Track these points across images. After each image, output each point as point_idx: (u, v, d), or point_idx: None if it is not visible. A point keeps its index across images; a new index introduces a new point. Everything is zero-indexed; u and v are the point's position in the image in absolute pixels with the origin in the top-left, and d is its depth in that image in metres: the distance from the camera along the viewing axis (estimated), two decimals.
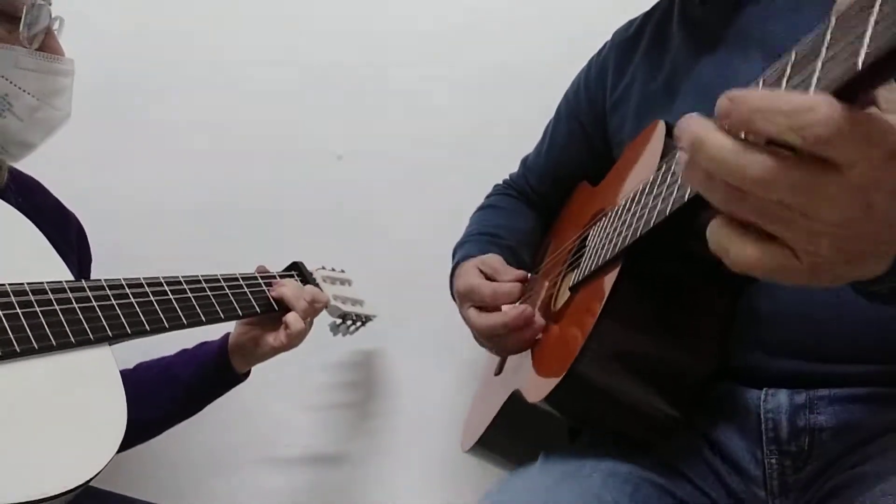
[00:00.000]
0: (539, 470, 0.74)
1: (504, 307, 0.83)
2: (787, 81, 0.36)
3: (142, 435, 0.99)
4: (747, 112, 0.33)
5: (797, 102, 0.31)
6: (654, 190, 0.61)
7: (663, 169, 0.61)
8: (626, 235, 0.64)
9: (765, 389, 0.67)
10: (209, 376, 0.98)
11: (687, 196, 0.51)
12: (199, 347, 1.00)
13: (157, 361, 1.01)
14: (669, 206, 0.55)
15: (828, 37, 0.33)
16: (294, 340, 0.94)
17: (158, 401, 0.98)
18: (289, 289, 0.94)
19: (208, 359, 0.98)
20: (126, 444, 0.95)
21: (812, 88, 0.33)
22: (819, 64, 0.33)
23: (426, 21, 1.31)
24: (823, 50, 0.33)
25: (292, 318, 0.92)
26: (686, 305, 0.67)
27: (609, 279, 0.67)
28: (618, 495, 0.67)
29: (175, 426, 1.01)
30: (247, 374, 1.00)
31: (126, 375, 0.98)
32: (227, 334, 0.99)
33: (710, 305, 0.67)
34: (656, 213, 0.58)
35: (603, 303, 0.65)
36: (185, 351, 1.01)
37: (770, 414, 0.66)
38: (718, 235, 0.37)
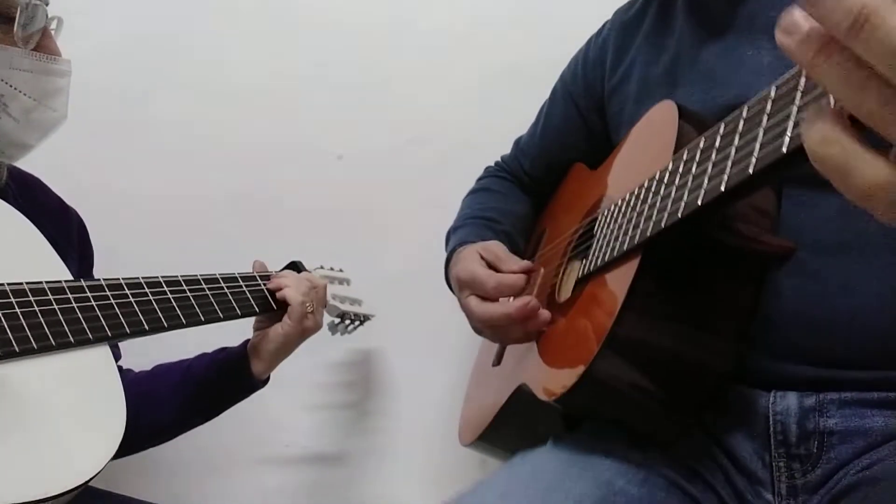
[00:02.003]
0: (548, 454, 0.73)
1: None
2: None
3: (158, 437, 0.99)
4: None
5: None
6: (678, 180, 0.58)
7: (685, 157, 0.58)
8: (646, 228, 0.61)
9: (774, 392, 0.66)
10: (227, 380, 0.97)
11: (724, 186, 0.49)
12: (219, 352, 0.99)
13: (177, 364, 1.00)
14: (701, 197, 0.52)
15: None
16: (299, 320, 0.92)
17: (176, 402, 0.97)
18: (288, 279, 0.94)
19: (227, 363, 0.97)
20: (142, 445, 0.97)
21: None
22: None
23: (426, 20, 1.31)
24: None
25: (290, 293, 0.91)
26: (708, 299, 0.64)
27: (626, 273, 0.64)
28: (627, 483, 0.66)
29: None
30: (265, 381, 0.99)
31: (144, 376, 0.99)
32: (247, 340, 0.98)
33: (732, 298, 0.65)
34: (683, 204, 0.55)
35: (621, 300, 0.62)
36: (204, 354, 1.00)
37: (779, 416, 0.65)
38: (837, 146, 0.29)
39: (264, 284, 0.94)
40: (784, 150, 0.41)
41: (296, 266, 1.03)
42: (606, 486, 0.65)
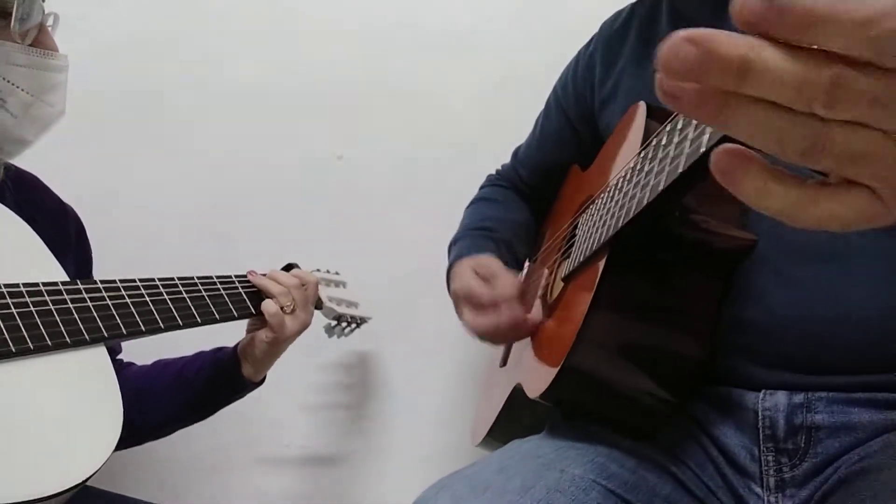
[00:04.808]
0: (544, 438, 0.74)
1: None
2: None
3: (153, 433, 0.99)
4: (805, 21, 0.25)
5: (874, 9, 0.24)
6: (635, 178, 0.60)
7: (642, 154, 0.60)
8: (610, 226, 0.63)
9: (763, 390, 0.66)
10: (217, 380, 0.97)
11: (663, 184, 0.51)
12: (215, 351, 0.99)
13: (174, 361, 1.00)
14: (646, 196, 0.54)
15: None
16: (278, 329, 0.90)
17: (169, 400, 0.97)
18: (272, 284, 0.91)
19: (219, 363, 0.97)
20: (137, 440, 0.97)
21: None
22: None
23: (427, 21, 1.31)
24: None
25: (266, 304, 0.90)
26: (676, 291, 0.67)
27: (596, 271, 0.66)
28: (620, 468, 0.67)
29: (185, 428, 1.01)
30: (259, 382, 0.98)
31: (143, 372, 0.99)
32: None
33: (700, 289, 0.66)
34: (635, 202, 0.57)
35: (591, 296, 0.65)
36: (201, 353, 1.00)
37: (767, 412, 0.66)
38: (773, 197, 0.29)
39: (242, 287, 0.92)
40: (702, 149, 0.43)
41: (292, 268, 1.03)
42: (600, 469, 0.66)
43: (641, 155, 0.60)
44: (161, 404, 0.97)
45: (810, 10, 0.25)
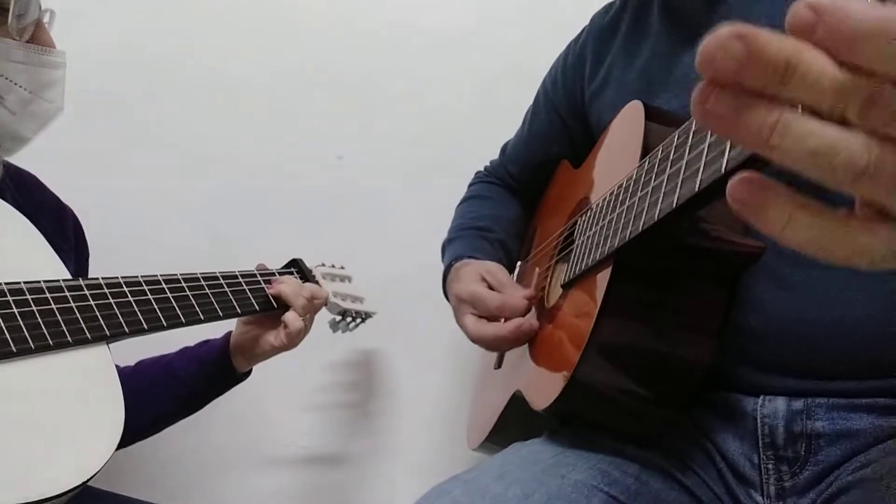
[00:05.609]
0: (544, 443, 0.73)
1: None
2: None
3: (141, 433, 0.99)
4: (848, 35, 0.25)
5: None
6: (640, 190, 0.59)
7: (646, 166, 0.59)
8: (615, 241, 0.62)
9: (762, 396, 0.66)
10: (210, 375, 0.97)
11: (676, 202, 0.50)
12: (200, 346, 0.99)
13: (159, 359, 1.00)
14: (657, 213, 0.53)
15: None
16: (294, 339, 0.93)
17: (158, 399, 0.97)
18: (287, 286, 0.93)
19: (209, 358, 0.97)
20: (124, 441, 0.96)
21: None
22: None
23: (426, 21, 1.31)
24: None
25: (291, 318, 0.91)
26: (684, 300, 0.65)
27: (601, 281, 0.65)
28: (623, 474, 0.66)
29: (174, 424, 1.01)
30: (248, 374, 1.00)
31: (127, 373, 0.98)
32: (229, 333, 0.98)
33: (709, 297, 0.65)
34: (643, 219, 0.56)
35: (597, 309, 0.63)
36: (186, 349, 1.00)
37: (767, 419, 0.65)
38: (803, 230, 0.27)
39: (265, 286, 0.93)
40: (723, 171, 0.41)
41: (297, 264, 1.03)
42: (602, 476, 0.65)
43: (646, 166, 0.59)
44: (152, 401, 0.97)
45: (855, 28, 0.24)
